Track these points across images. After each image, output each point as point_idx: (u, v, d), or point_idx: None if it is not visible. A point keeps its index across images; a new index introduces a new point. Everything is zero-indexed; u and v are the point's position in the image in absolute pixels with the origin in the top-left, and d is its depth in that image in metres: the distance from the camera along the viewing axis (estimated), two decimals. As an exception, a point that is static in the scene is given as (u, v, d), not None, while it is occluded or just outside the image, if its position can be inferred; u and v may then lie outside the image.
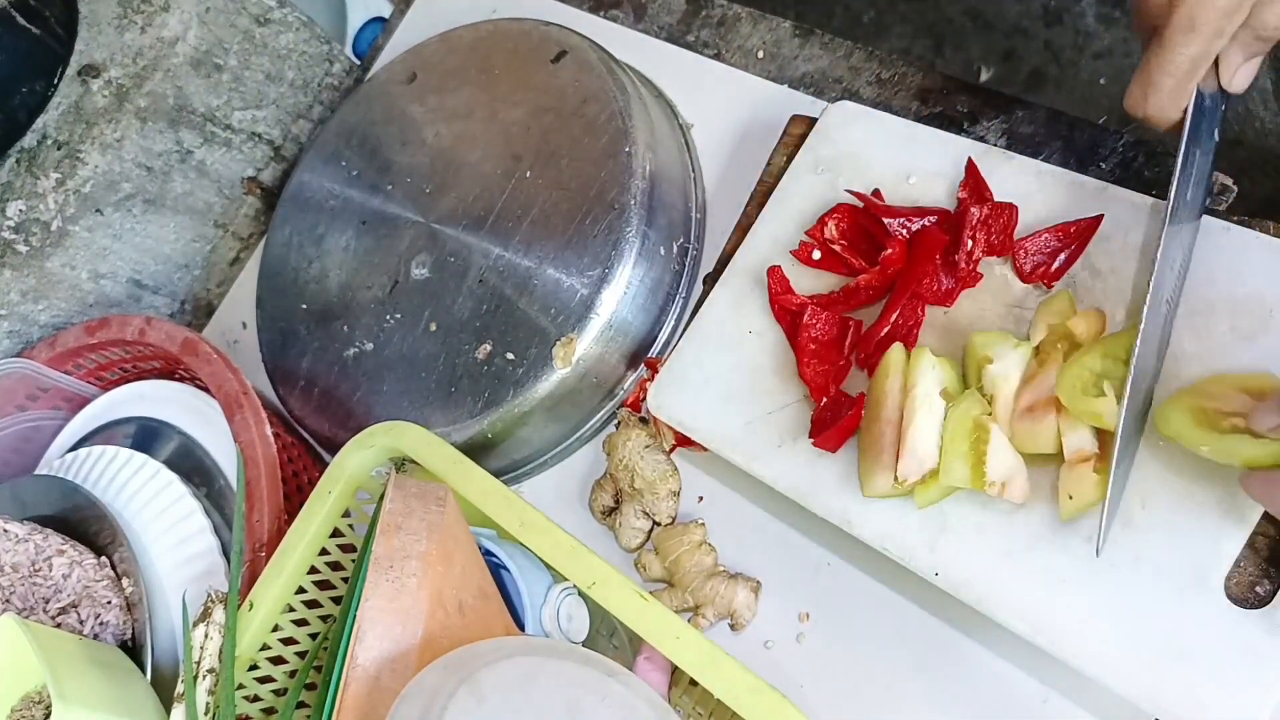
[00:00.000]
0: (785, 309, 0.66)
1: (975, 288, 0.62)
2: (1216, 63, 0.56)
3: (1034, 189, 0.62)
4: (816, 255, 0.67)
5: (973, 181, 0.64)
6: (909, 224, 0.64)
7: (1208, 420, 0.50)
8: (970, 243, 0.61)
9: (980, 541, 0.56)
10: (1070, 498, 0.54)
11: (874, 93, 0.77)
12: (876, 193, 0.66)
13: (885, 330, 0.62)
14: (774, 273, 0.67)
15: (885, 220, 0.64)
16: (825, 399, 0.62)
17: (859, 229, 0.66)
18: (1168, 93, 0.54)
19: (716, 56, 0.85)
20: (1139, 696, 0.50)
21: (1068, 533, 0.54)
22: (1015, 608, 0.54)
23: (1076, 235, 0.60)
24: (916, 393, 0.57)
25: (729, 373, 0.66)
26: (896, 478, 0.56)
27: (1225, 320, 0.55)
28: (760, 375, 0.66)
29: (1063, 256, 0.60)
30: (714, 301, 0.69)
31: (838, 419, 0.60)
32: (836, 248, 0.66)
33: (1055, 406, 0.55)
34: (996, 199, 0.62)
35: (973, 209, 0.61)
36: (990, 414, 0.56)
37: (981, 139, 0.72)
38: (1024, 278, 0.61)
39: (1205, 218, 0.58)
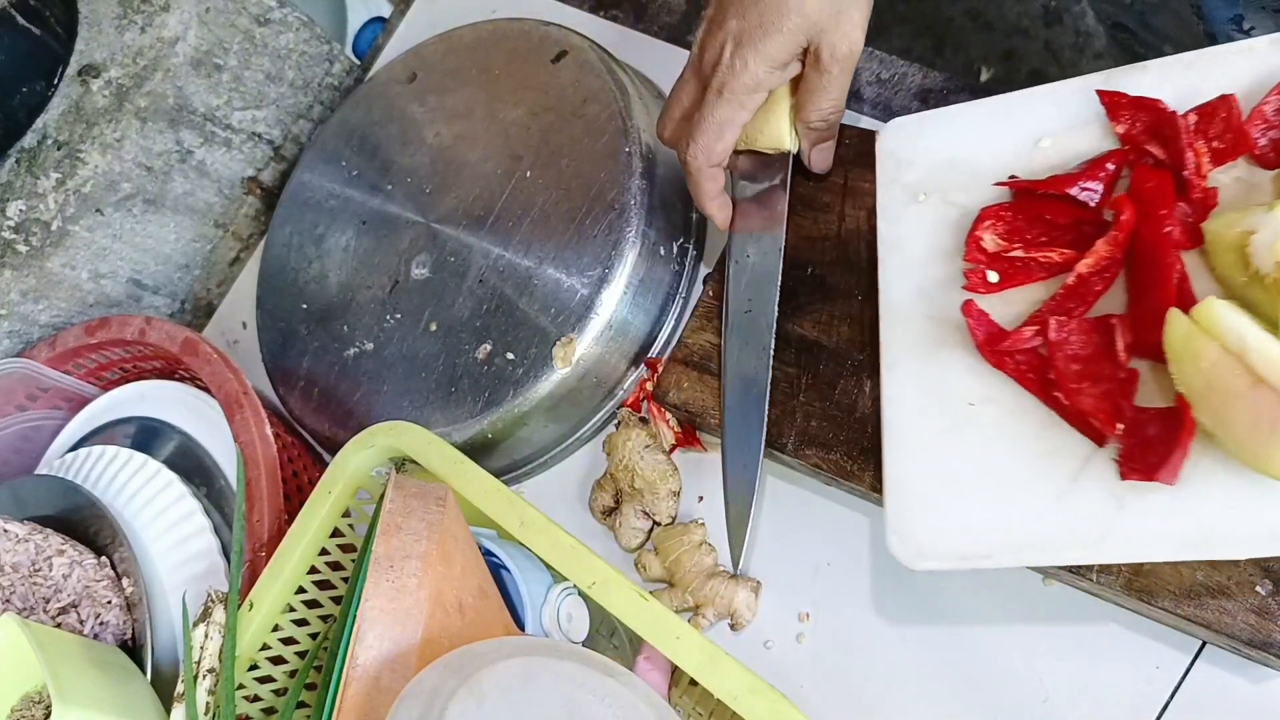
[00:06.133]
0: (1006, 353, 0.52)
1: (1216, 207, 0.51)
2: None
3: (1196, 81, 0.52)
4: (994, 277, 0.54)
5: (1126, 109, 0.52)
6: (1090, 184, 0.52)
7: None
8: (1194, 157, 0.50)
9: None
10: None
11: (874, 93, 0.77)
12: (1013, 178, 0.56)
13: (1175, 302, 0.48)
14: (970, 310, 0.53)
15: (1069, 192, 0.52)
16: (1121, 425, 0.48)
17: (1025, 222, 0.54)
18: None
19: (716, 56, 0.85)
20: None
21: None
22: None
23: None
24: (1253, 344, 0.44)
25: (981, 461, 0.52)
26: None
27: None
28: (1025, 441, 0.51)
29: None
30: (895, 399, 0.56)
31: (1166, 439, 0.46)
32: (1015, 255, 0.54)
33: None
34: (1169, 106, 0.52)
35: (1181, 119, 0.50)
36: None
37: (982, 139, 0.72)
38: (1270, 164, 0.50)
39: None
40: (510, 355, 0.74)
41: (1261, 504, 0.45)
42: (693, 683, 0.62)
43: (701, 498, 0.71)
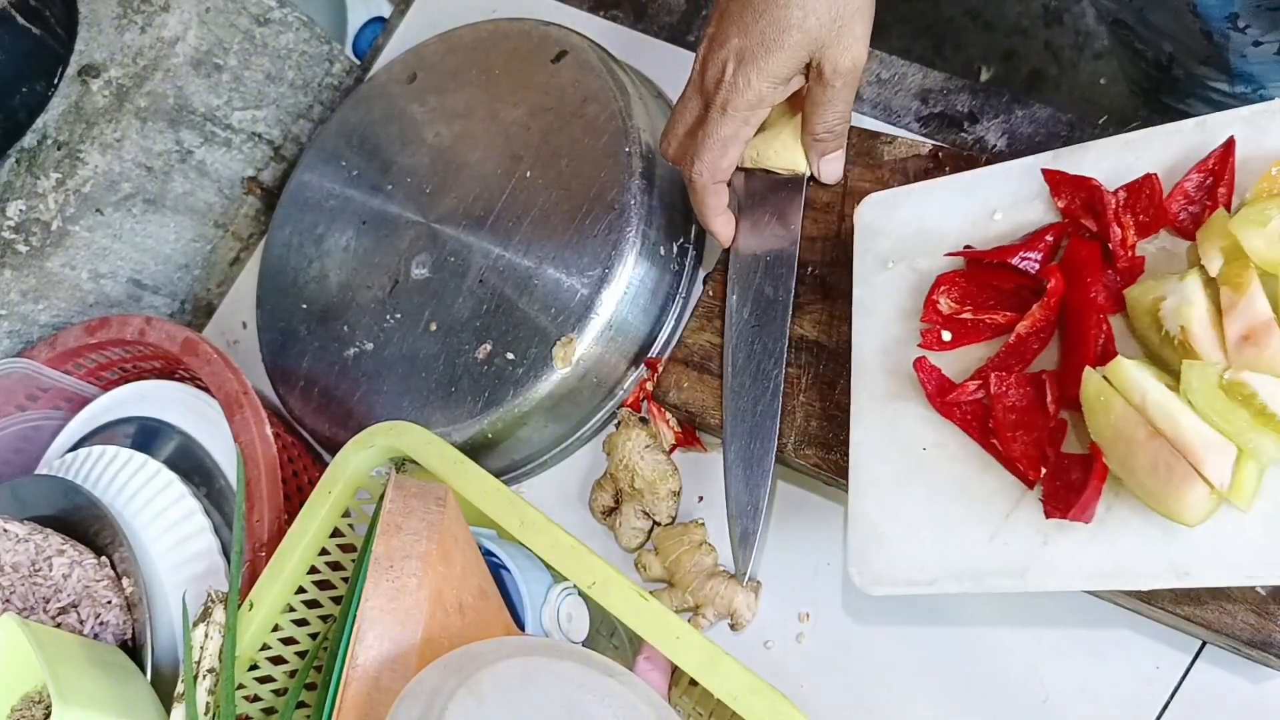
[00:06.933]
0: (953, 404, 0.58)
1: (1142, 275, 0.56)
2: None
3: (1131, 160, 0.57)
4: (947, 336, 0.60)
5: (1065, 186, 0.58)
6: (1030, 254, 0.58)
7: None
8: (1120, 230, 0.55)
9: None
10: None
11: (874, 93, 0.77)
12: (969, 248, 0.61)
13: (1094, 361, 0.53)
14: (922, 365, 0.58)
15: (1011, 262, 0.58)
16: (1045, 470, 0.54)
17: (975, 287, 0.60)
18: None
19: (716, 56, 0.85)
20: None
21: None
22: None
23: (1219, 167, 0.54)
24: (1152, 399, 0.49)
25: (930, 500, 0.57)
26: (1213, 486, 0.48)
27: None
28: (967, 482, 0.56)
29: (1222, 191, 0.54)
30: (861, 444, 0.60)
31: (1083, 483, 0.52)
32: (965, 317, 0.59)
33: (1275, 326, 0.49)
34: (1100, 184, 0.57)
35: (1109, 196, 0.56)
36: (1226, 365, 0.49)
37: (981, 139, 0.72)
38: (1189, 235, 0.54)
39: None
40: (510, 355, 0.74)
41: (1166, 542, 0.50)
42: (693, 683, 0.62)
43: (701, 498, 0.71)
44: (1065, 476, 0.53)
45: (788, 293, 0.67)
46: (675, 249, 0.76)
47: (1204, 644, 0.56)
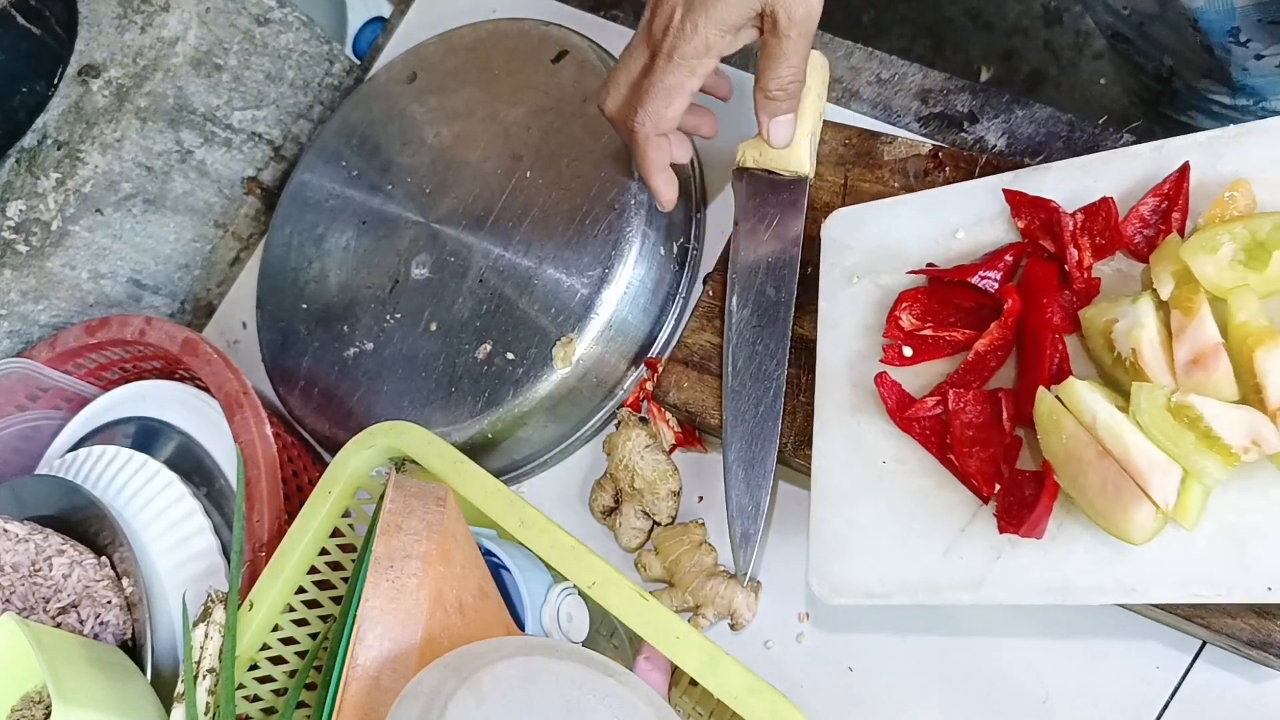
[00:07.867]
0: (912, 419, 0.59)
1: (1098, 295, 0.57)
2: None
3: (1090, 182, 0.58)
4: (908, 352, 0.61)
5: (1025, 207, 0.59)
6: (989, 274, 0.59)
7: None
8: (1076, 252, 0.56)
9: None
10: None
11: (874, 93, 0.77)
12: (931, 265, 0.62)
13: (1048, 380, 0.54)
14: (883, 381, 0.59)
15: (971, 280, 0.59)
16: (999, 486, 0.55)
17: (936, 304, 0.61)
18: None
19: (716, 56, 0.85)
20: None
21: None
22: None
23: (1174, 192, 0.55)
24: (1101, 419, 0.50)
25: (889, 512, 0.58)
26: (1159, 506, 0.49)
27: None
28: (924, 496, 0.57)
29: (1176, 216, 0.54)
30: (824, 454, 0.61)
31: (1035, 500, 0.52)
32: (926, 333, 0.60)
33: (1223, 350, 0.50)
34: (1059, 205, 0.58)
35: (1066, 218, 0.56)
36: (1176, 391, 0.50)
37: (981, 139, 0.72)
38: (1143, 258, 0.56)
39: None
40: (510, 355, 0.74)
41: (1115, 560, 0.51)
42: (693, 683, 0.62)
43: (701, 498, 0.71)
44: (1019, 493, 0.54)
45: (790, 294, 0.67)
46: (675, 249, 0.76)
47: (1204, 644, 0.56)
